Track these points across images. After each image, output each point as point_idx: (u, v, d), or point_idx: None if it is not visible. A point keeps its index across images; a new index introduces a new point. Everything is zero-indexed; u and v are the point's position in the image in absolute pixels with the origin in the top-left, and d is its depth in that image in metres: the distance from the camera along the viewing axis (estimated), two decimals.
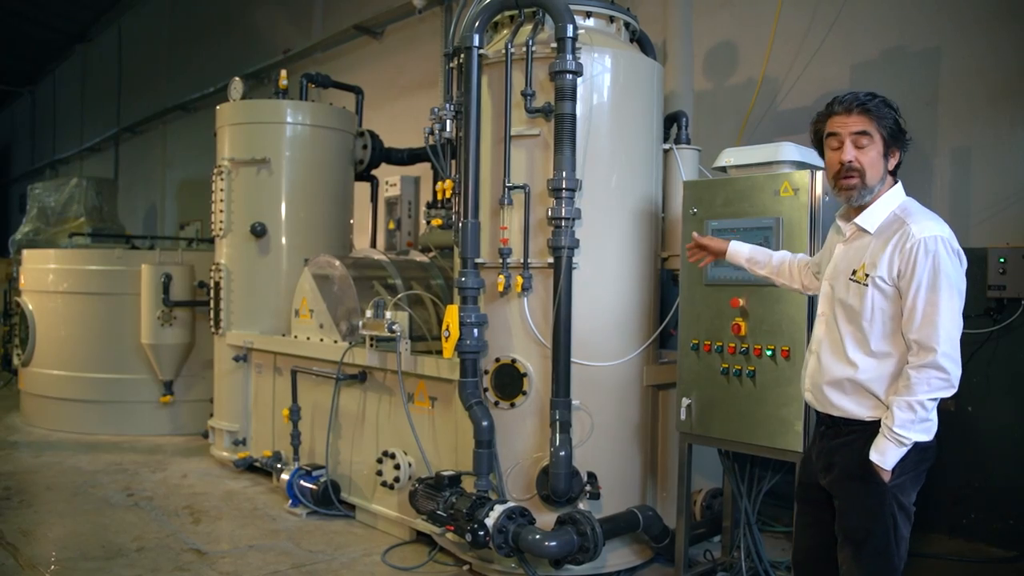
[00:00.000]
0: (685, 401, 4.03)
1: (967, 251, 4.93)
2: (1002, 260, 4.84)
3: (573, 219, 4.03)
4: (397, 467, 4.91)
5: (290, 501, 5.56)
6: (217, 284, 6.76)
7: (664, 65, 5.19)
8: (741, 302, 3.83)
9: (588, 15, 4.43)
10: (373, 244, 8.08)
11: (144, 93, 16.11)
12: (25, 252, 9.01)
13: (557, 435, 3.98)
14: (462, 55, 4.26)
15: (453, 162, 4.64)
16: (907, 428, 2.54)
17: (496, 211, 4.27)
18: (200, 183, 14.19)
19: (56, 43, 19.47)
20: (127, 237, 11.67)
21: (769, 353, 3.75)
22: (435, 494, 4.21)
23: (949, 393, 2.57)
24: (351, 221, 7.30)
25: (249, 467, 6.44)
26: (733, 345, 3.87)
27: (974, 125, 5.17)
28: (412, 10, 9.14)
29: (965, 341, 4.92)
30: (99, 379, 8.09)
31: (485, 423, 4.16)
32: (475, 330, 4.19)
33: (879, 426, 2.61)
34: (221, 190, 6.72)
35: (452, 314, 4.18)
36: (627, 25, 4.66)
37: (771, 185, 3.78)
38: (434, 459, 4.77)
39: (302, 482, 5.49)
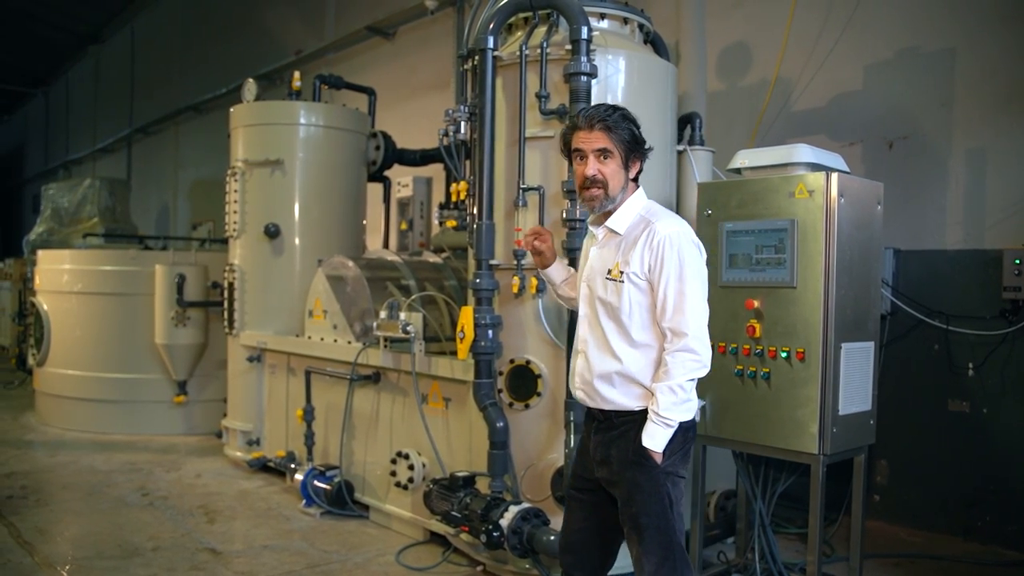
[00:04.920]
0: (700, 403, 4.01)
1: (982, 253, 5.05)
2: (1017, 261, 4.83)
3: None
4: (411, 468, 4.92)
5: (304, 501, 5.59)
6: (231, 285, 6.79)
7: (677, 66, 5.19)
8: (756, 304, 3.83)
9: (602, 17, 4.44)
10: (385, 245, 8.10)
11: (156, 94, 16.20)
12: (40, 252, 9.08)
13: (572, 436, 3.97)
14: (476, 57, 4.27)
15: (467, 163, 4.66)
16: (671, 410, 2.74)
17: (511, 212, 4.28)
18: (212, 183, 14.26)
19: (69, 44, 19.59)
20: (140, 237, 11.77)
21: (784, 355, 3.74)
22: (449, 495, 4.23)
23: (703, 373, 2.80)
24: (363, 222, 7.32)
25: (263, 467, 6.48)
26: (748, 347, 3.87)
27: (989, 126, 5.15)
28: (424, 11, 9.18)
29: (980, 343, 5.01)
30: (113, 379, 8.14)
31: (500, 424, 4.17)
32: (490, 331, 4.20)
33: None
34: (235, 191, 6.75)
35: (467, 315, 4.19)
36: (641, 27, 4.66)
37: (786, 187, 3.77)
38: (448, 460, 4.79)
39: (316, 482, 5.51)
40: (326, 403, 5.83)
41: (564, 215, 4.06)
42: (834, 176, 3.67)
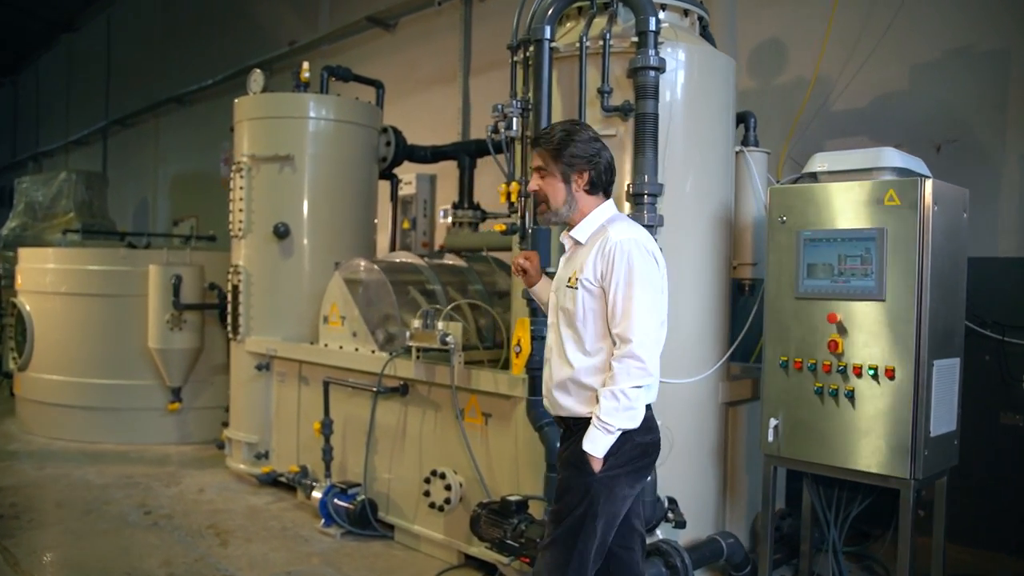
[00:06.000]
0: (773, 422, 3.77)
1: None
2: None
3: (656, 226, 3.75)
4: (448, 488, 4.59)
5: (323, 520, 5.23)
6: (235, 287, 6.39)
7: None
8: (839, 317, 3.57)
9: (663, 7, 4.15)
10: (393, 244, 7.77)
11: (135, 85, 15.59)
12: (21, 251, 8.58)
13: None
14: (531, 48, 3.95)
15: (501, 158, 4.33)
16: (612, 415, 2.72)
17: None
18: (194, 178, 13.77)
19: (40, 32, 18.85)
20: (122, 234, 11.26)
21: (871, 372, 3.49)
22: (501, 521, 3.90)
23: (648, 381, 2.76)
24: (375, 221, 6.97)
25: (272, 482, 6.09)
26: (829, 363, 3.61)
27: None
28: (429, 2, 8.84)
29: None
30: (102, 385, 7.68)
31: (559, 445, 3.86)
32: None
33: None
34: (240, 188, 6.35)
35: (524, 328, 3.87)
36: (700, 19, 4.38)
37: (874, 193, 3.52)
38: (488, 480, 4.47)
39: (337, 500, 5.16)
40: (344, 415, 5.47)
41: None
42: (928, 183, 3.43)
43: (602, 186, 2.97)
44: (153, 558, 4.73)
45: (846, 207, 3.60)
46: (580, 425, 2.85)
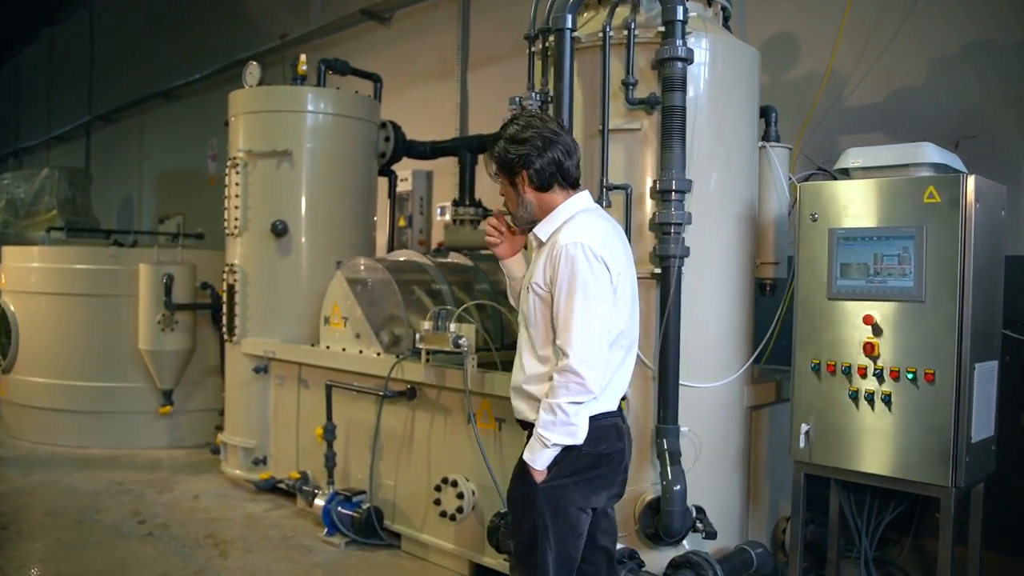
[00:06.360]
0: (804, 427, 3.63)
1: None
2: None
3: (684, 224, 3.60)
4: (460, 496, 4.42)
5: (325, 529, 5.04)
6: (231, 287, 6.18)
7: None
8: (876, 318, 3.43)
9: None
10: (391, 242, 7.59)
11: (119, 80, 15.24)
12: (5, 249, 8.30)
13: (668, 467, 3.54)
14: (551, 38, 3.79)
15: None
16: (549, 429, 2.62)
17: None
18: (181, 175, 13.48)
19: (20, 25, 18.40)
20: (108, 232, 10.98)
21: (910, 376, 3.35)
22: None
23: (587, 398, 2.61)
24: (375, 219, 6.78)
25: (271, 488, 5.89)
26: (864, 366, 3.47)
27: None
28: None
29: None
30: (90, 388, 7.45)
31: None
32: None
33: None
34: (236, 184, 6.14)
35: None
36: (723, 9, 4.23)
37: (913, 190, 3.38)
38: (504, 488, 4.29)
39: (341, 509, 4.98)
40: (346, 420, 5.28)
41: (657, 218, 3.61)
42: (971, 179, 3.29)
43: (554, 180, 2.78)
44: (150, 571, 4.53)
45: (882, 204, 3.46)
46: (532, 431, 2.77)
